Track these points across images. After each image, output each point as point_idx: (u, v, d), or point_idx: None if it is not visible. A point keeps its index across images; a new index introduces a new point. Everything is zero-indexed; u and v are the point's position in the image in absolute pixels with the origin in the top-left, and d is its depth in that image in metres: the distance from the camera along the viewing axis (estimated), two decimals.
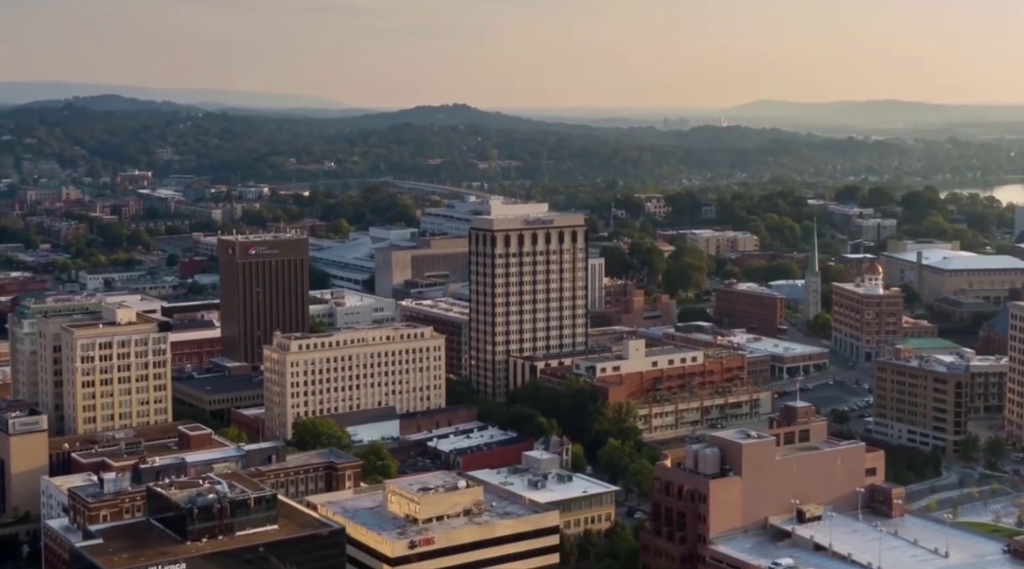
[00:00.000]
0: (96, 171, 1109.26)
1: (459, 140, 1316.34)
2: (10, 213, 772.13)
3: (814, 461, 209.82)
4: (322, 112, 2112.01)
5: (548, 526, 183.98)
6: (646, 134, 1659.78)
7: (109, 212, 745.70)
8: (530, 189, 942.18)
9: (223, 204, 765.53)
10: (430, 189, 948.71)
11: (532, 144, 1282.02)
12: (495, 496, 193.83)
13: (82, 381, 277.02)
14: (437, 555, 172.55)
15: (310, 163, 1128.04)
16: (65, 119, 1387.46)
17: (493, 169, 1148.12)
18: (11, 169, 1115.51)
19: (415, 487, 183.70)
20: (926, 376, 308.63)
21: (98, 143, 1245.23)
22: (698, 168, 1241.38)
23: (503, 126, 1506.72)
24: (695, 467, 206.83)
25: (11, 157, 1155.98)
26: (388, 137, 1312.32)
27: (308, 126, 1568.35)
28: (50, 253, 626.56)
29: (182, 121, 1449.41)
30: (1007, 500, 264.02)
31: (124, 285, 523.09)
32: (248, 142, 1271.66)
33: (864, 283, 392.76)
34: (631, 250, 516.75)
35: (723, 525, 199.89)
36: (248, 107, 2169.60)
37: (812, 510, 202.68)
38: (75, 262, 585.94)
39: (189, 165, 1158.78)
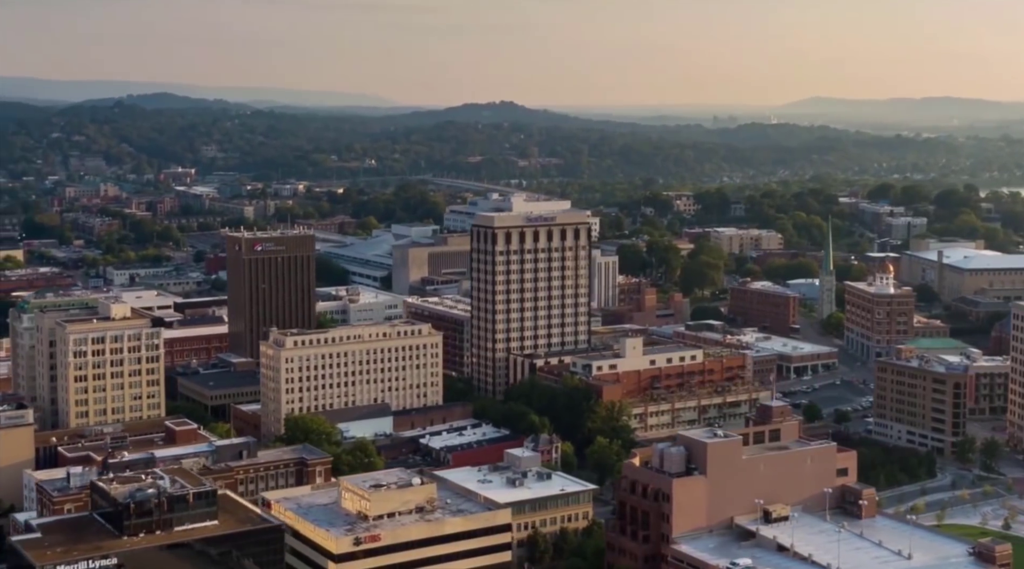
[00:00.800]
0: (141, 168, 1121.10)
1: (502, 138, 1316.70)
2: (49, 209, 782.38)
3: (782, 461, 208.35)
4: (372, 110, 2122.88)
5: (499, 524, 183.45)
6: (692, 132, 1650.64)
7: (144, 209, 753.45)
8: (565, 186, 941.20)
9: (255, 201, 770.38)
10: (466, 186, 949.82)
11: (574, 142, 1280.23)
12: (452, 493, 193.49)
13: (74, 375, 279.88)
14: (383, 552, 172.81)
15: (351, 160, 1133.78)
16: (115, 117, 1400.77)
17: (533, 166, 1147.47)
18: (58, 166, 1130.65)
19: (367, 484, 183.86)
20: (925, 376, 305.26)
21: (146, 141, 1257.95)
22: (740, 166, 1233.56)
23: (548, 124, 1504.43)
24: (661, 466, 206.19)
25: (59, 154, 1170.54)
26: (430, 135, 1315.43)
27: (353, 124, 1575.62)
28: (82, 249, 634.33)
29: (230, 119, 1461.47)
30: (998, 503, 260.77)
31: (149, 281, 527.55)
32: (292, 139, 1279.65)
33: (876, 282, 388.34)
34: (649, 248, 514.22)
35: (687, 524, 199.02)
36: (298, 105, 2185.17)
37: (779, 510, 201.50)
38: (105, 258, 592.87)
39: (233, 162, 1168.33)
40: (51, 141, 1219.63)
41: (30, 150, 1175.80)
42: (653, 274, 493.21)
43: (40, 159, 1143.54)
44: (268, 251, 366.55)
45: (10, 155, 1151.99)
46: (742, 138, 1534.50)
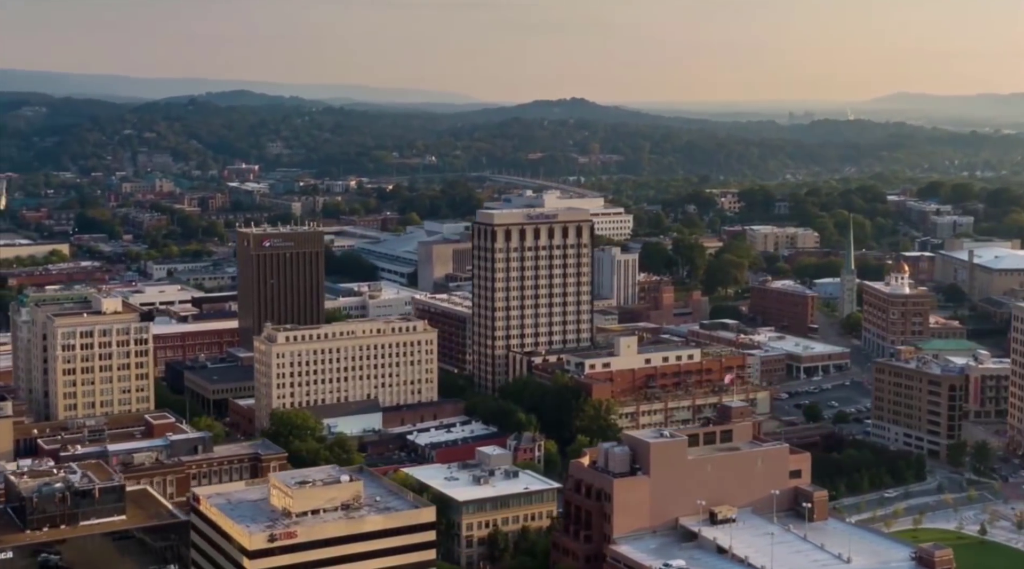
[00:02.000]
0: (206, 165, 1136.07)
1: (566, 135, 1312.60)
2: (107, 205, 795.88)
3: (730, 462, 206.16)
4: (447, 106, 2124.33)
5: (423, 522, 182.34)
6: (764, 128, 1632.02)
7: (196, 204, 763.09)
8: (620, 183, 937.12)
9: (304, 197, 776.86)
10: (521, 183, 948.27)
11: (637, 139, 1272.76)
12: (385, 491, 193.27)
13: (62, 368, 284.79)
14: (299, 549, 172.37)
15: (411, 157, 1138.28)
16: (187, 114, 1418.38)
17: (593, 163, 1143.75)
18: (127, 162, 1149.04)
19: (294, 481, 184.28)
20: (921, 378, 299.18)
21: (215, 138, 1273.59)
22: (806, 163, 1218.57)
23: (616, 120, 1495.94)
24: (606, 466, 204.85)
25: (128, 151, 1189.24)
26: (494, 132, 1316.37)
27: (423, 120, 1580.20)
28: (130, 244, 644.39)
29: (300, 116, 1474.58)
30: (980, 507, 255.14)
31: (186, 276, 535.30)
32: (358, 137, 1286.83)
33: (892, 282, 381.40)
34: (675, 246, 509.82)
35: (629, 525, 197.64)
36: (375, 102, 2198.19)
37: (725, 511, 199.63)
38: (148, 253, 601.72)
39: (297, 159, 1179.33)
40: (123, 138, 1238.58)
41: (101, 146, 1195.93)
42: (679, 272, 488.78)
43: (110, 155, 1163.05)
44: (276, 247, 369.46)
45: (82, 151, 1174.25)
46: (814, 135, 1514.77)
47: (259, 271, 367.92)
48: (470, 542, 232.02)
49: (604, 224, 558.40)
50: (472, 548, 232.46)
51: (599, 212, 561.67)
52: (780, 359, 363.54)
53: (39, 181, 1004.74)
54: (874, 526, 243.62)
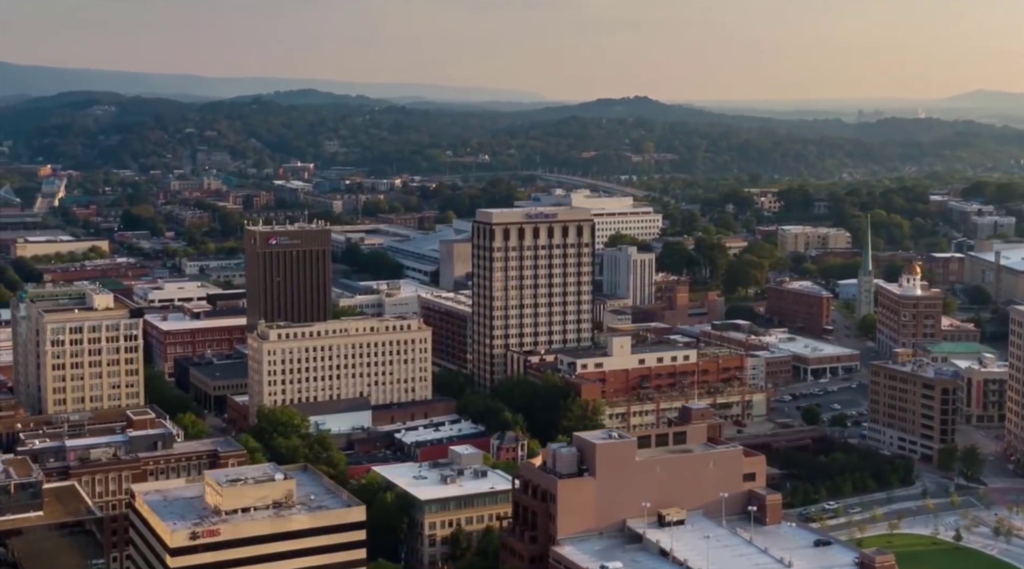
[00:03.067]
0: (263, 163, 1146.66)
1: (622, 133, 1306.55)
2: (155, 202, 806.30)
3: (680, 464, 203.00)
4: (513, 105, 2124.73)
5: (352, 521, 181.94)
6: (830, 126, 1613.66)
7: (240, 202, 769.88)
8: (669, 182, 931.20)
9: (346, 195, 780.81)
10: (571, 182, 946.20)
11: (694, 137, 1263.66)
12: (323, 490, 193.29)
13: (52, 364, 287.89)
14: (222, 547, 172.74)
15: (465, 156, 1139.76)
16: (250, 113, 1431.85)
17: (647, 162, 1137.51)
18: (186, 160, 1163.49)
19: (226, 479, 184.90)
20: (915, 382, 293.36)
21: (275, 136, 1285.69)
22: (865, 161, 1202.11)
23: (676, 119, 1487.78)
24: (554, 467, 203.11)
25: (188, 149, 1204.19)
26: (551, 130, 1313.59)
27: (482, 119, 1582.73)
28: (171, 241, 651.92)
29: (362, 115, 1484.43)
30: (961, 513, 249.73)
31: (217, 272, 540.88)
32: (415, 135, 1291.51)
33: (903, 283, 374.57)
34: (697, 246, 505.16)
35: (574, 526, 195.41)
36: (442, 101, 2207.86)
37: (674, 514, 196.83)
38: (186, 250, 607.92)
39: (353, 157, 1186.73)
40: (184, 136, 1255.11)
41: (162, 145, 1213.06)
42: (701, 272, 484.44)
43: (169, 154, 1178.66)
44: (283, 245, 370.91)
45: (142, 149, 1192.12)
46: (879, 133, 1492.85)
47: (265, 268, 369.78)
48: (432, 541, 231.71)
49: (632, 223, 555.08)
50: (435, 547, 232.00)
51: (627, 211, 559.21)
52: (786, 361, 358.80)
53: (98, 179, 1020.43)
54: (849, 531, 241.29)
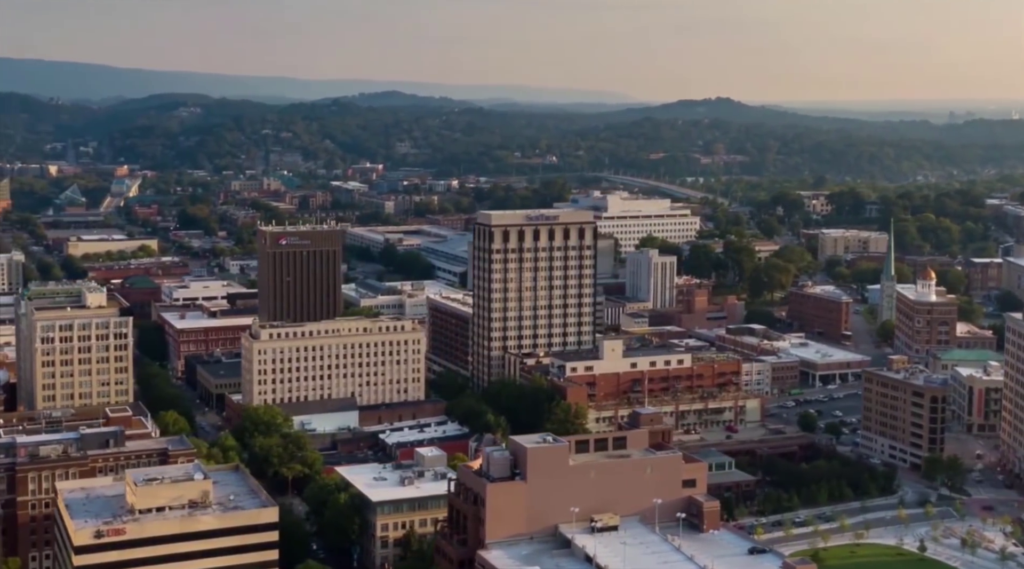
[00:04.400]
0: (333, 164, 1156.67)
1: (696, 135, 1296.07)
2: (216, 202, 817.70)
3: (616, 469, 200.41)
4: (596, 106, 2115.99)
5: (264, 522, 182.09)
6: (916, 128, 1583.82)
7: (296, 202, 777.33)
8: (732, 184, 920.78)
9: (399, 196, 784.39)
10: (635, 183, 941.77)
11: (768, 139, 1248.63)
12: (246, 490, 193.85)
13: (41, 361, 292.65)
14: (128, 546, 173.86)
15: (533, 157, 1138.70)
16: (328, 114, 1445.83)
17: (716, 164, 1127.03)
18: (259, 161, 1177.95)
19: (143, 478, 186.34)
20: (905, 389, 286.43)
21: (349, 138, 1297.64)
22: (944, 164, 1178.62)
23: (754, 120, 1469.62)
24: (488, 470, 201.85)
25: (262, 150, 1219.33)
26: (623, 131, 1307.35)
27: (557, 120, 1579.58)
28: (221, 240, 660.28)
29: (439, 116, 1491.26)
30: (931, 524, 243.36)
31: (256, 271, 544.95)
32: (487, 137, 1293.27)
33: (918, 288, 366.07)
34: (725, 249, 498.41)
35: (504, 530, 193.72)
36: (527, 102, 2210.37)
37: (607, 519, 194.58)
38: (232, 249, 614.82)
39: (422, 159, 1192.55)
40: (260, 138, 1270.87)
41: (237, 146, 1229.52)
42: (729, 276, 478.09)
43: (243, 154, 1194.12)
44: (293, 245, 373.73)
45: (218, 150, 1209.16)
46: (965, 135, 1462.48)
47: (275, 268, 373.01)
48: (385, 543, 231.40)
49: (668, 226, 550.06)
50: (387, 549, 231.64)
51: (663, 213, 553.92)
52: (793, 366, 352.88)
53: (171, 179, 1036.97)
54: (812, 540, 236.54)
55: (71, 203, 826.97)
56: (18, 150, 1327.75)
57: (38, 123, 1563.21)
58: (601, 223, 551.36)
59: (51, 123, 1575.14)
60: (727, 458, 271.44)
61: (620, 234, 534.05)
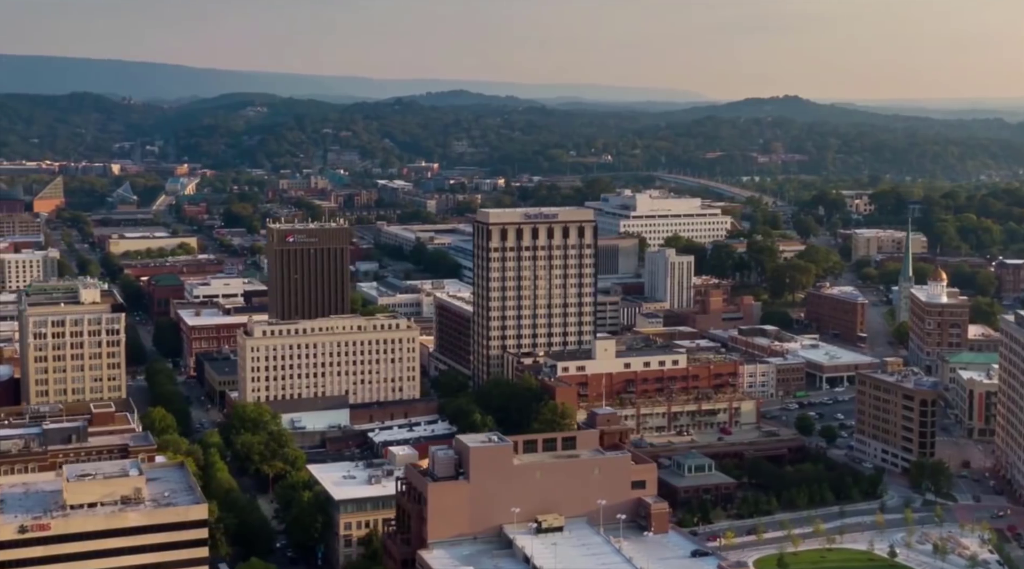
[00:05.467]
0: (390, 162, 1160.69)
1: (757, 133, 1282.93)
2: (263, 200, 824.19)
3: (563, 469, 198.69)
4: (665, 105, 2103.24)
5: (193, 520, 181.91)
6: (988, 126, 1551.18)
7: (341, 201, 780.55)
8: (784, 183, 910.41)
9: (442, 194, 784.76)
10: (687, 183, 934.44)
11: (829, 137, 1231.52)
12: (183, 487, 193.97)
13: (34, 356, 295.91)
14: (52, 541, 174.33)
15: (589, 156, 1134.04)
16: (390, 113, 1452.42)
17: (773, 163, 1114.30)
18: (317, 159, 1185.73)
19: (78, 474, 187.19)
20: (896, 392, 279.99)
21: (408, 137, 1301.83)
22: (1010, 163, 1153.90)
23: (821, 118, 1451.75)
24: (433, 469, 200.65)
25: (320, 149, 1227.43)
26: (682, 130, 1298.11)
27: (620, 119, 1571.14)
28: (262, 238, 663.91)
29: (501, 115, 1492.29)
30: (906, 530, 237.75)
31: None
32: (546, 135, 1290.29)
33: (929, 290, 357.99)
34: (748, 249, 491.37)
35: (447, 530, 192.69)
36: (593, 101, 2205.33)
37: (551, 520, 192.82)
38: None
39: (479, 158, 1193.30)
40: (320, 136, 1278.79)
41: (297, 145, 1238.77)
42: (752, 276, 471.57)
43: (302, 153, 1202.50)
44: (300, 243, 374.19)
45: (277, 149, 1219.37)
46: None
47: (283, 266, 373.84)
48: (348, 541, 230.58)
49: (698, 225, 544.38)
50: (351, 548, 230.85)
51: (693, 213, 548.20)
52: (799, 368, 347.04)
53: (228, 177, 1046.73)
54: (781, 545, 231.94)
55: (122, 201, 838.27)
56: (87, 149, 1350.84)
57: (109, 122, 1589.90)
58: (629, 222, 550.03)
59: (122, 122, 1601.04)
60: (707, 460, 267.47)
61: (648, 233, 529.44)
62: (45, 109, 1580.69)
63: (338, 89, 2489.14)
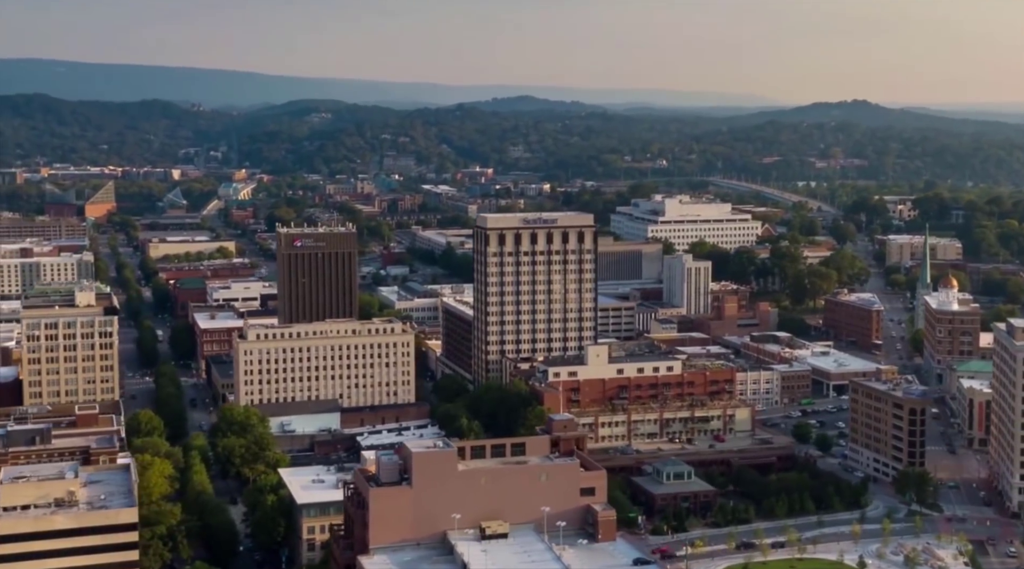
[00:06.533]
0: (444, 168, 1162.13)
1: (818, 137, 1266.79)
2: (310, 205, 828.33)
3: (509, 475, 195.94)
4: (729, 110, 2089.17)
5: (122, 523, 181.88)
6: None
7: (385, 206, 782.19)
8: (838, 188, 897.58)
9: (485, 199, 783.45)
10: (739, 188, 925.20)
11: (889, 142, 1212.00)
12: (123, 490, 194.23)
13: (28, 358, 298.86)
14: None
15: (644, 161, 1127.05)
16: (450, 119, 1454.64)
17: (832, 168, 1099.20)
18: (373, 165, 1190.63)
19: (13, 476, 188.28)
20: (887, 401, 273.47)
21: (466, 142, 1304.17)
22: None
23: (885, 123, 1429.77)
24: (377, 474, 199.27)
25: (377, 154, 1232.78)
26: (741, 135, 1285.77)
27: (682, 124, 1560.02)
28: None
29: (563, 120, 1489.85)
30: (880, 541, 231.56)
31: None
32: (604, 140, 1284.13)
33: (940, 296, 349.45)
34: (771, 255, 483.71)
35: (390, 536, 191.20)
36: (660, 106, 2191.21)
37: (495, 527, 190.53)
38: None
39: (534, 163, 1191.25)
40: (379, 142, 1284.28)
41: (355, 150, 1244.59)
42: (776, 282, 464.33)
43: (359, 158, 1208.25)
44: (307, 247, 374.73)
45: (335, 154, 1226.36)
46: None
47: (290, 270, 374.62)
48: (312, 545, 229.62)
49: (727, 231, 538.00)
50: (314, 551, 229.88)
51: (723, 218, 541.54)
52: (804, 375, 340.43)
53: (284, 183, 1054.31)
54: (749, 554, 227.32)
55: (172, 206, 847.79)
56: (153, 155, 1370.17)
57: (178, 129, 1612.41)
58: (657, 227, 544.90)
59: (190, 129, 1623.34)
60: (687, 467, 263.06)
61: (675, 239, 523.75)
62: (116, 116, 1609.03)
63: (405, 95, 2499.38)
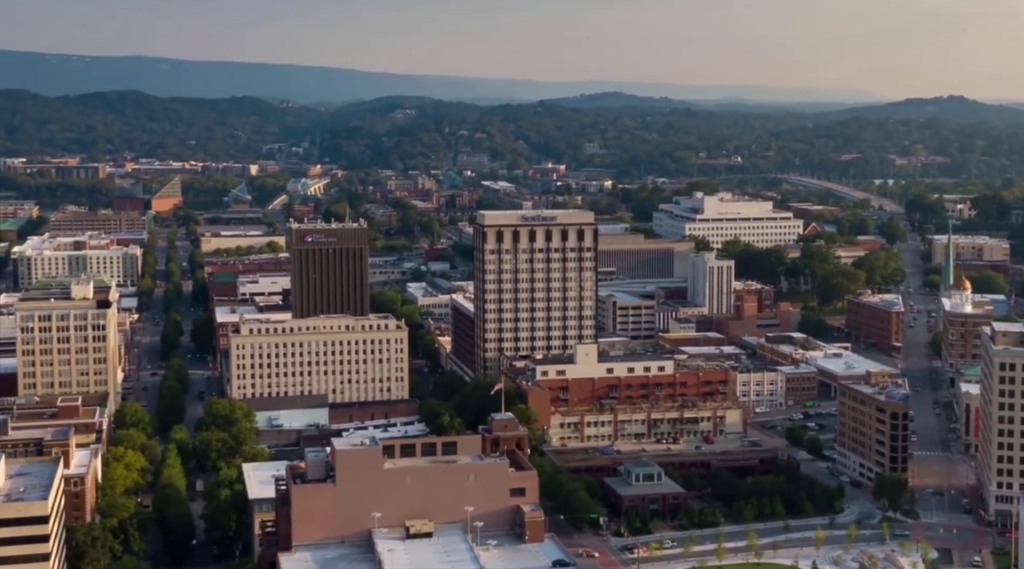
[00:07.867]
0: (518, 164, 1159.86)
1: (903, 134, 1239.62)
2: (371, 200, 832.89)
3: (436, 475, 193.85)
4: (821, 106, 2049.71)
5: (34, 515, 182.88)
6: None
7: (442, 202, 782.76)
8: (911, 186, 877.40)
9: (542, 196, 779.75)
10: (812, 186, 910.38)
11: (976, 139, 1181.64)
12: (46, 484, 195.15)
13: (22, 350, 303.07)
14: None
15: (719, 158, 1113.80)
16: (529, 115, 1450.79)
17: (912, 165, 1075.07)
18: (447, 161, 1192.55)
19: None
20: (871, 405, 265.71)
21: (543, 138, 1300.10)
22: None
23: (980, 119, 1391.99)
24: (305, 472, 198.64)
25: (452, 151, 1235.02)
26: (821, 131, 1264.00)
27: (766, 121, 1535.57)
28: None
29: (644, 116, 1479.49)
30: (842, 548, 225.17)
31: None
32: (682, 137, 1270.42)
33: (955, 299, 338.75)
34: (802, 254, 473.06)
35: (313, 534, 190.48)
36: (754, 102, 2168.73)
37: (420, 526, 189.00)
38: None
39: (609, 159, 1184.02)
40: (455, 138, 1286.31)
41: (430, 146, 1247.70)
42: (806, 282, 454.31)
43: (433, 154, 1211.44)
44: (319, 243, 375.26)
45: (411, 150, 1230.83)
46: None
47: (302, 265, 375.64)
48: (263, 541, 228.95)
49: (767, 229, 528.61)
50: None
51: (763, 217, 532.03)
52: (810, 377, 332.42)
53: (356, 178, 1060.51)
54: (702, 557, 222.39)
55: (236, 200, 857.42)
56: (239, 150, 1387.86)
57: (265, 125, 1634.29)
58: (695, 225, 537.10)
59: (277, 125, 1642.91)
60: (657, 469, 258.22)
61: (712, 237, 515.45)
62: (207, 112, 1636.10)
63: (493, 91, 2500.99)
